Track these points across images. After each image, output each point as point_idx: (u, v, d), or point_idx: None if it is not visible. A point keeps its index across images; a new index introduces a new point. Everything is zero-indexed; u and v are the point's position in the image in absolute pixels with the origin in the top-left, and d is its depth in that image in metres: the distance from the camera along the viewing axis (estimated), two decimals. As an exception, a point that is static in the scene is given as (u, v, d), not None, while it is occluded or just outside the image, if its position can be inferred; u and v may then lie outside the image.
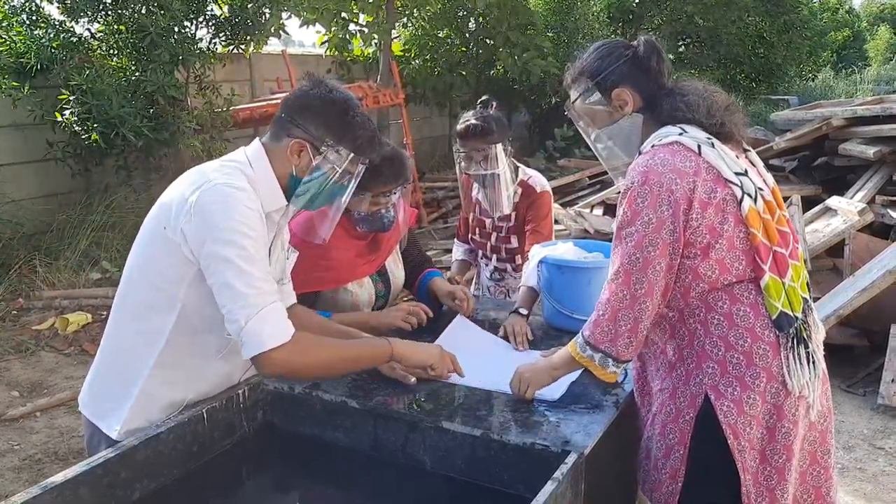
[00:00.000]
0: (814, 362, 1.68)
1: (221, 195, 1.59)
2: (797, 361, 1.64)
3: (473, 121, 2.73)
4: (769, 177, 1.79)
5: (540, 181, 2.92)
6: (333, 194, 1.79)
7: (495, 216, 2.91)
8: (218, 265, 1.57)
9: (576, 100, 1.85)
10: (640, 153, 1.73)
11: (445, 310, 2.49)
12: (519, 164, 2.93)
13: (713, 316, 1.67)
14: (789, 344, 1.64)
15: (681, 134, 1.68)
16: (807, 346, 1.66)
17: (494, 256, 3.01)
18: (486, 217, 2.98)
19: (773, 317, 1.64)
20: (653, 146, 1.69)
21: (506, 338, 2.30)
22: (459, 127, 2.77)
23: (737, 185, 1.64)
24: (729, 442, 1.63)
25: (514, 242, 2.93)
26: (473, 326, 2.37)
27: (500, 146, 2.74)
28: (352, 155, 1.74)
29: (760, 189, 1.69)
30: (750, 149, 1.81)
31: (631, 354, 1.70)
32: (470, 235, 3.09)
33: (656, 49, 1.78)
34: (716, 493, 1.69)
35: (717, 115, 1.71)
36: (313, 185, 1.74)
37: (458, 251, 3.20)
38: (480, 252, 3.07)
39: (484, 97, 2.87)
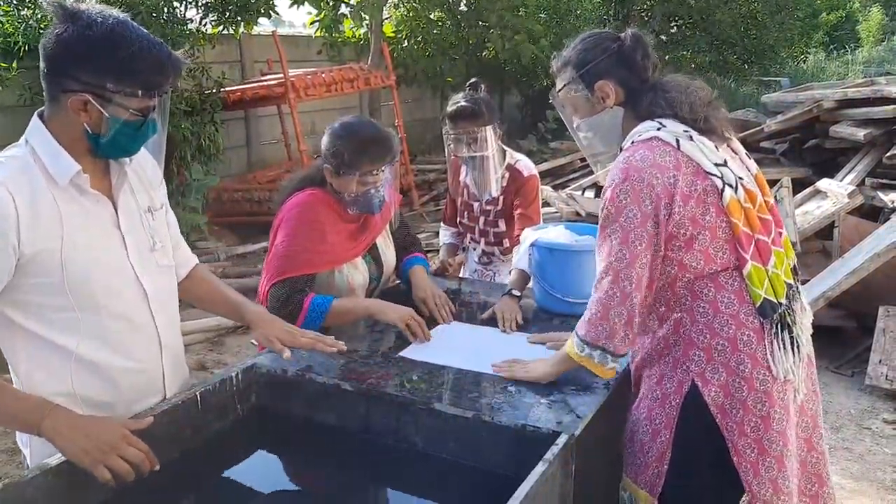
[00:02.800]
0: (798, 347, 1.70)
1: None
2: (781, 347, 1.67)
3: (463, 103, 2.75)
4: (752, 163, 1.81)
5: (527, 165, 2.93)
6: (145, 134, 1.57)
7: (483, 199, 2.93)
8: None
9: (560, 89, 1.87)
10: (620, 150, 1.75)
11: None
12: (506, 148, 2.95)
13: (699, 304, 1.69)
14: (773, 330, 1.66)
15: (659, 129, 1.69)
16: (791, 332, 1.69)
17: (482, 240, 3.02)
18: (473, 201, 2.99)
19: (757, 304, 1.66)
20: (632, 143, 1.71)
21: (494, 321, 2.32)
22: (449, 109, 2.79)
23: (717, 176, 1.66)
24: (717, 421, 1.66)
25: (502, 226, 2.94)
26: (460, 325, 2.34)
27: (489, 129, 2.76)
28: (141, 92, 1.50)
29: (741, 178, 1.70)
30: (732, 137, 1.82)
31: (628, 347, 1.73)
32: (458, 219, 3.10)
33: (642, 44, 1.80)
34: (702, 474, 1.72)
35: (699, 112, 1.72)
36: (117, 136, 1.52)
37: (446, 235, 3.21)
38: (469, 236, 3.08)
39: (473, 80, 2.88)
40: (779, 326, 1.67)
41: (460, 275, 3.00)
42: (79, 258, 1.55)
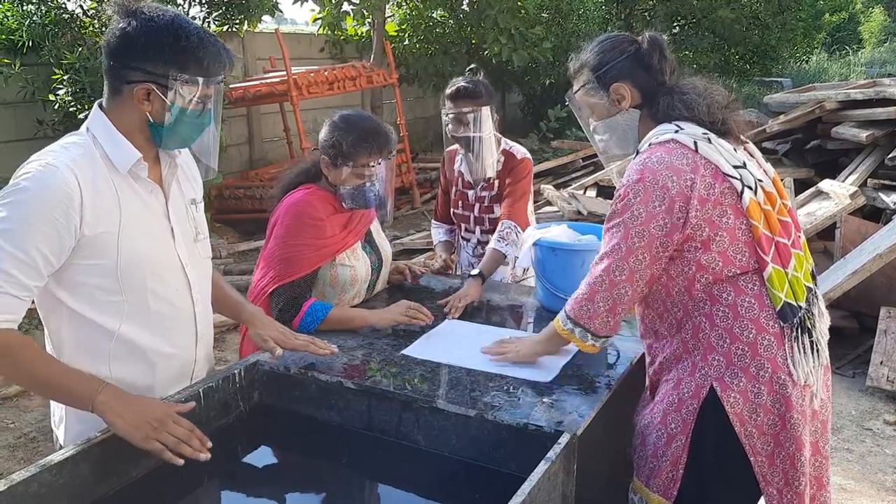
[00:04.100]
0: (817, 351, 1.70)
1: (24, 181, 1.49)
2: (801, 351, 1.66)
3: (463, 83, 2.80)
4: (769, 166, 1.80)
5: (521, 150, 2.97)
6: (203, 124, 1.66)
7: (478, 186, 2.94)
8: None
9: (577, 91, 1.87)
10: (637, 152, 1.74)
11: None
12: (502, 136, 2.98)
13: (718, 308, 1.68)
14: (793, 334, 1.65)
15: (676, 132, 1.69)
16: (811, 336, 1.68)
17: (478, 228, 3.02)
18: (468, 189, 3.00)
19: (777, 308, 1.65)
20: (650, 145, 1.70)
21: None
22: (449, 90, 2.83)
23: (736, 178, 1.65)
24: (736, 429, 1.65)
25: (497, 212, 2.95)
26: (462, 324, 2.34)
27: (487, 109, 2.79)
28: (203, 79, 1.59)
29: (760, 180, 1.69)
30: (748, 141, 1.82)
31: (609, 331, 1.76)
32: (452, 210, 3.10)
33: (660, 46, 1.79)
34: (717, 479, 1.71)
35: (717, 114, 1.72)
36: (178, 124, 1.60)
37: (439, 232, 3.22)
38: (463, 227, 3.08)
39: (472, 66, 2.93)
40: (799, 330, 1.66)
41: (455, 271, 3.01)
42: (133, 244, 1.61)
